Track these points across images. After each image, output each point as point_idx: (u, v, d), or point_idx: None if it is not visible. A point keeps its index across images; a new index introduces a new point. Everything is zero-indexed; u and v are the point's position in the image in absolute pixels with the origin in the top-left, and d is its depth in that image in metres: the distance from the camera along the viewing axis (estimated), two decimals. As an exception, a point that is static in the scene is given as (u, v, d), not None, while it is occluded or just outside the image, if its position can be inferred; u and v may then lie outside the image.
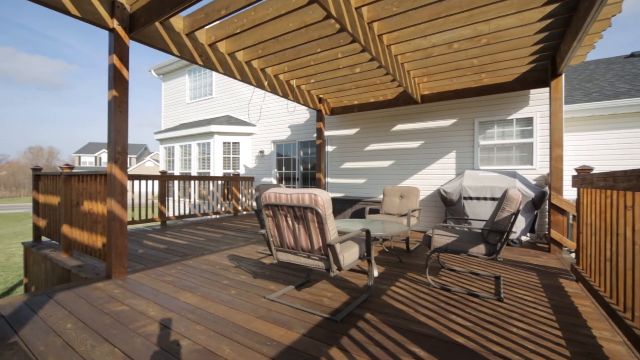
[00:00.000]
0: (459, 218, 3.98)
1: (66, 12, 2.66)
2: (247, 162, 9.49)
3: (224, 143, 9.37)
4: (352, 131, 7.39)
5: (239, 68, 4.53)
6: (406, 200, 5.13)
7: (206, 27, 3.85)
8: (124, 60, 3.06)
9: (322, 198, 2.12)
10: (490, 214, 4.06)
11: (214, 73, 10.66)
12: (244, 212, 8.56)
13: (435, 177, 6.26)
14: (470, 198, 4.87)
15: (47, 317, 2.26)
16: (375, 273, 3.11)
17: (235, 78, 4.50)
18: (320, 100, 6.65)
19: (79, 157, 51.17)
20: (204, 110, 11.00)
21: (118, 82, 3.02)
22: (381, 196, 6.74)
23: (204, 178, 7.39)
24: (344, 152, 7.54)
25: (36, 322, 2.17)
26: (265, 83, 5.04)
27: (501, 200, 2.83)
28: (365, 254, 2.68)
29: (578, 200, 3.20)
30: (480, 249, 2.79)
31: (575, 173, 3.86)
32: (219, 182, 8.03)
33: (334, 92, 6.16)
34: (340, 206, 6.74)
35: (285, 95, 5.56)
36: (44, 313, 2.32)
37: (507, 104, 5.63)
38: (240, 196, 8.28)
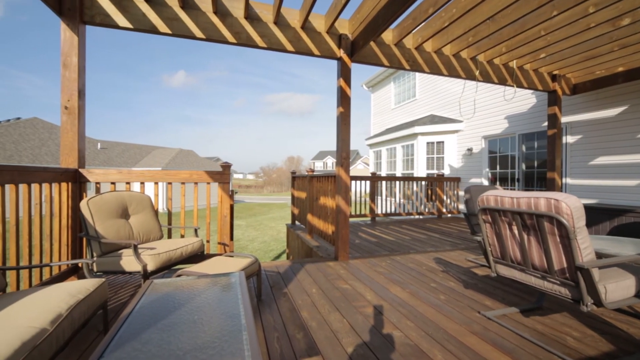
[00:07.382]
0: None
1: (312, 54, 3.55)
2: (452, 161, 8.90)
3: (428, 143, 9.25)
4: (611, 112, 5.22)
5: (446, 63, 4.32)
6: None
7: (412, 32, 3.95)
8: (348, 82, 3.70)
9: (569, 205, 1.62)
10: None
11: (417, 75, 10.79)
12: (449, 215, 8.07)
13: None
14: None
15: (301, 280, 3.11)
16: (671, 325, 2.02)
17: (441, 75, 4.34)
18: (553, 78, 5.15)
19: (314, 162, 67.41)
20: (407, 113, 11.38)
21: (343, 100, 3.68)
22: (678, 207, 4.32)
23: (407, 179, 7.63)
24: (595, 143, 5.45)
25: (295, 282, 3.04)
26: (477, 72, 4.51)
27: None
28: (649, 291, 1.80)
29: None
30: None
31: None
32: (423, 182, 8.02)
33: (577, 62, 4.59)
34: (591, 217, 4.91)
35: (501, 82, 4.74)
36: (299, 276, 3.21)
37: None
38: (444, 197, 7.88)
